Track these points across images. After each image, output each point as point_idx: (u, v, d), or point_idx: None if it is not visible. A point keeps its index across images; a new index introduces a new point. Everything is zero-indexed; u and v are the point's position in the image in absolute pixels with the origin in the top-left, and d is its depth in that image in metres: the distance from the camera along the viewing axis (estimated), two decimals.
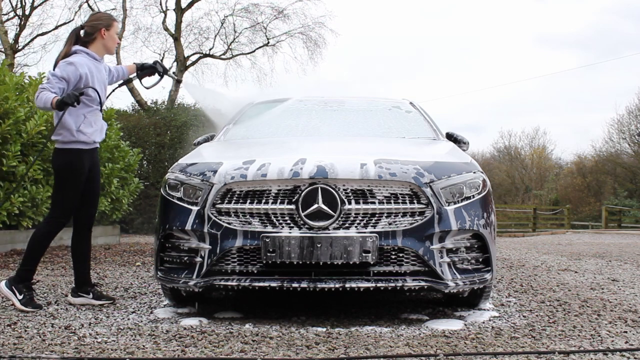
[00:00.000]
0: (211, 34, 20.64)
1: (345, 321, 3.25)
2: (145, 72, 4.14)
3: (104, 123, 3.85)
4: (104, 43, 3.77)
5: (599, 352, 2.63)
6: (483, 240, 3.28)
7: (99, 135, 3.78)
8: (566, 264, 6.57)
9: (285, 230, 3.09)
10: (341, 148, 3.70)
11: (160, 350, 2.63)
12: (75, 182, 3.67)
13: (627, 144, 31.47)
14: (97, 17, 3.83)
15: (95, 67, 3.73)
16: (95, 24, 3.74)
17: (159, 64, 4.16)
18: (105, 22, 3.76)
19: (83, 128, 3.65)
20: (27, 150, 6.53)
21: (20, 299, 3.53)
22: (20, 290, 3.56)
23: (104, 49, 3.79)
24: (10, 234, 6.72)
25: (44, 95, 3.51)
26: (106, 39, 3.76)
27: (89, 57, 3.71)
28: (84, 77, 3.62)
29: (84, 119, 3.66)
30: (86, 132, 3.67)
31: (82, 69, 3.62)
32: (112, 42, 3.79)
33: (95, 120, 3.73)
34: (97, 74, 3.73)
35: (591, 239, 13.32)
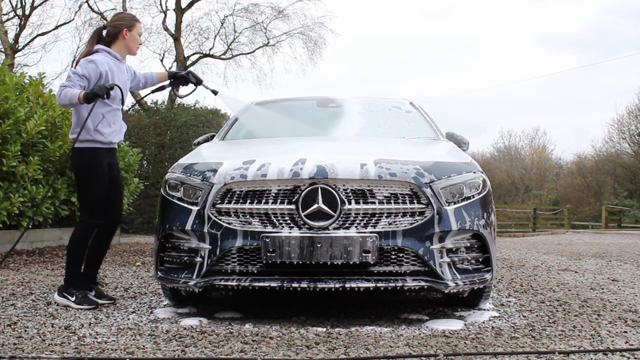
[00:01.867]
0: (211, 34, 20.66)
1: (345, 321, 3.25)
2: (177, 81, 4.16)
3: (123, 124, 3.85)
4: (126, 43, 3.78)
5: (599, 352, 2.63)
6: (483, 240, 3.28)
7: (117, 136, 3.77)
8: (566, 264, 6.57)
9: (285, 230, 3.09)
10: (341, 148, 3.71)
11: (160, 350, 2.63)
12: (96, 181, 3.66)
13: (627, 144, 31.47)
14: (119, 17, 3.84)
15: (117, 66, 3.74)
16: (117, 24, 3.76)
17: (191, 75, 4.17)
18: (128, 22, 3.78)
19: (101, 128, 3.65)
20: (27, 150, 6.53)
21: (74, 300, 3.60)
22: (71, 294, 3.62)
23: (125, 49, 3.80)
24: (10, 234, 6.72)
25: (68, 92, 3.52)
26: (128, 39, 3.77)
27: (110, 56, 3.73)
28: (104, 75, 3.63)
29: (102, 118, 3.65)
30: (103, 132, 3.67)
31: (102, 67, 3.63)
32: (134, 42, 3.80)
33: (114, 121, 3.73)
34: (118, 73, 3.74)
35: (591, 239, 13.32)
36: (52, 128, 6.84)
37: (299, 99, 5.09)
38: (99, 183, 3.67)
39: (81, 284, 3.69)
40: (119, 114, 3.77)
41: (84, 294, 3.64)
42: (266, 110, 4.92)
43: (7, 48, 18.25)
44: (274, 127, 4.55)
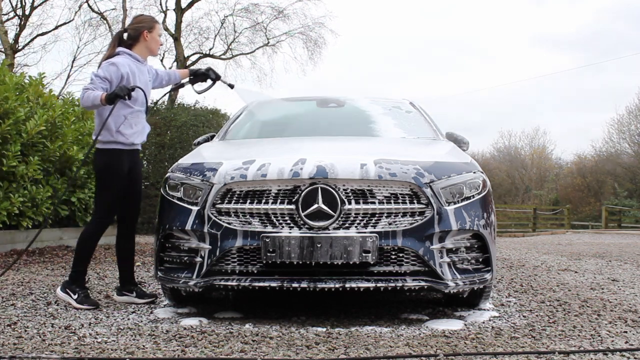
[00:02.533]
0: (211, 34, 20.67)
1: (345, 321, 3.25)
2: (198, 78, 4.23)
3: (146, 125, 3.88)
4: (147, 45, 3.83)
5: (599, 352, 2.63)
6: (483, 240, 3.28)
7: (139, 137, 3.81)
8: (566, 264, 6.57)
9: (285, 230, 3.09)
10: (341, 148, 3.70)
11: (160, 350, 2.63)
12: (115, 182, 3.71)
13: (627, 144, 31.48)
14: (139, 19, 3.88)
15: (138, 68, 3.79)
16: (137, 27, 3.81)
17: (212, 71, 4.25)
18: (148, 24, 3.83)
19: (122, 129, 3.69)
20: (27, 150, 6.53)
21: (76, 298, 3.62)
22: (74, 291, 3.65)
23: (147, 50, 3.85)
24: (10, 234, 6.71)
25: (90, 94, 3.57)
26: (149, 41, 3.82)
27: (131, 58, 3.77)
28: (126, 77, 3.68)
29: (124, 120, 3.69)
30: (125, 134, 3.71)
31: (123, 69, 3.67)
32: (154, 44, 3.86)
33: (136, 122, 3.77)
34: (139, 74, 3.78)
35: (591, 239, 13.32)
36: (52, 128, 6.84)
37: (299, 99, 5.09)
38: (117, 184, 3.72)
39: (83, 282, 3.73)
40: (142, 116, 3.81)
41: (86, 294, 3.66)
42: (266, 110, 4.92)
43: (7, 48, 18.26)
44: (273, 127, 4.55)
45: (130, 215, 3.90)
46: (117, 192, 3.74)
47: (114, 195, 3.73)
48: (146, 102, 3.81)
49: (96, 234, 3.76)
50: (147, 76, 3.88)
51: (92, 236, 3.75)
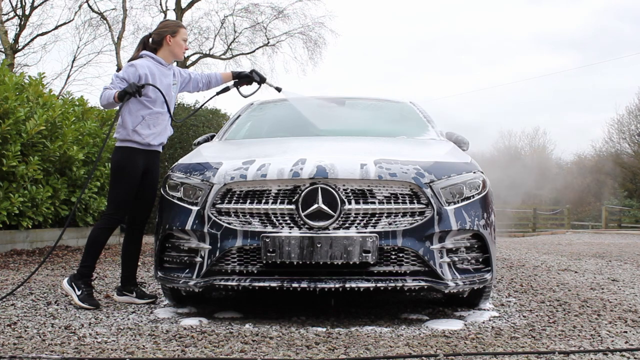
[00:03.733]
0: (211, 34, 20.67)
1: (345, 321, 3.25)
2: (242, 80, 4.22)
3: (167, 128, 3.91)
4: (170, 49, 3.89)
5: (599, 352, 2.63)
6: (483, 240, 3.28)
7: (156, 138, 3.83)
8: (566, 264, 6.57)
9: (285, 230, 3.09)
10: (341, 148, 3.70)
11: (160, 350, 2.63)
12: (126, 180, 3.75)
13: (627, 144, 31.47)
14: (163, 24, 3.95)
15: (160, 71, 3.83)
16: (161, 32, 3.88)
17: (255, 73, 4.24)
18: (171, 29, 3.88)
19: (139, 129, 3.74)
20: (27, 150, 6.53)
21: (79, 295, 3.65)
22: (79, 287, 3.68)
23: (170, 55, 3.90)
24: (10, 233, 6.72)
25: (106, 93, 3.69)
26: (172, 45, 3.88)
27: (154, 61, 3.84)
28: (143, 77, 3.73)
29: (141, 120, 3.75)
30: (142, 134, 3.75)
31: (141, 70, 3.74)
32: (178, 48, 3.90)
33: (155, 124, 3.80)
34: (160, 77, 3.82)
35: (591, 239, 13.32)
36: (52, 128, 6.84)
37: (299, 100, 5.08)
38: (128, 182, 3.75)
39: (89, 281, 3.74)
40: (162, 117, 3.84)
41: (90, 292, 3.68)
42: (266, 110, 4.92)
43: (7, 48, 18.26)
44: (274, 127, 4.55)
45: (140, 218, 3.92)
46: (128, 190, 3.77)
47: (125, 193, 3.76)
48: (167, 104, 3.84)
49: (105, 229, 3.79)
50: (171, 79, 3.91)
51: (101, 232, 3.78)
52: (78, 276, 3.72)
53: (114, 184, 3.79)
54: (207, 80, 4.17)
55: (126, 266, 3.91)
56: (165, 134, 3.91)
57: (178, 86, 4.01)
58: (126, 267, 3.91)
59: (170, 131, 3.96)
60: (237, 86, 4.23)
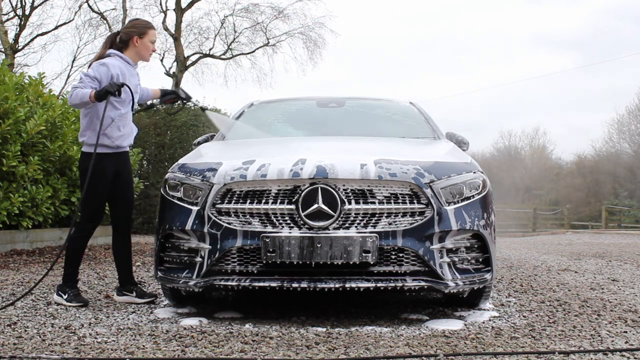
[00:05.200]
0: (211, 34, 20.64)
1: (345, 321, 3.25)
2: (167, 97, 4.21)
3: (133, 127, 3.88)
4: (137, 51, 3.81)
5: (599, 352, 2.63)
6: (483, 240, 3.28)
7: (126, 139, 3.80)
8: (566, 264, 6.57)
9: (285, 230, 3.09)
10: (341, 148, 3.70)
11: (160, 350, 2.63)
12: (97, 186, 3.69)
13: (627, 144, 31.49)
14: (132, 24, 3.88)
15: (129, 71, 3.79)
16: (128, 32, 3.80)
17: (182, 90, 4.23)
18: (139, 30, 3.80)
19: (109, 132, 3.68)
20: (27, 150, 6.53)
21: (66, 298, 3.68)
22: (64, 292, 3.70)
23: (137, 56, 3.83)
24: (10, 233, 6.72)
25: (79, 92, 3.56)
26: (139, 47, 3.80)
27: (122, 60, 3.78)
28: (116, 77, 3.67)
29: (111, 122, 3.68)
30: (111, 136, 3.70)
31: (114, 70, 3.67)
32: (145, 50, 3.83)
33: (124, 125, 3.76)
34: (130, 77, 3.78)
35: (591, 239, 13.32)
36: (52, 128, 6.84)
37: (299, 99, 5.08)
38: (100, 188, 3.71)
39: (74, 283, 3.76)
40: (129, 117, 3.81)
41: (76, 293, 3.71)
42: (266, 110, 4.92)
43: (7, 48, 18.24)
44: (273, 127, 4.56)
45: (123, 218, 3.88)
46: (100, 196, 3.73)
47: (95, 199, 3.72)
48: (133, 104, 3.80)
49: (81, 237, 3.77)
50: (137, 79, 3.89)
51: (77, 240, 3.76)
52: (62, 284, 3.74)
53: (86, 191, 3.68)
54: (141, 92, 4.06)
55: (120, 267, 3.90)
56: (133, 134, 3.87)
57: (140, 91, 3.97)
58: (121, 268, 3.90)
59: (136, 130, 3.90)
60: (162, 103, 4.26)
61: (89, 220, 3.76)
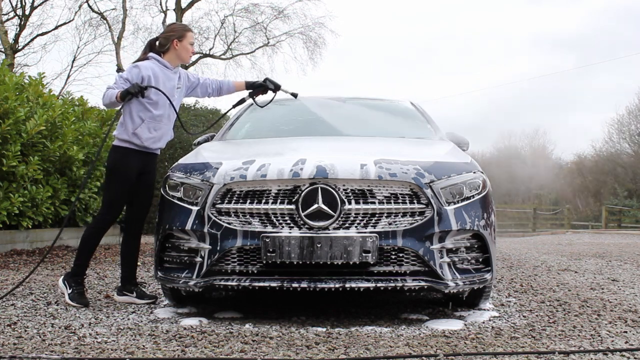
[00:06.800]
0: (211, 34, 20.67)
1: (345, 321, 3.25)
2: (257, 90, 4.23)
3: (168, 132, 3.92)
4: (177, 53, 3.90)
5: (599, 352, 2.63)
6: (483, 240, 3.28)
7: (155, 143, 3.85)
8: (566, 264, 6.57)
9: (285, 230, 3.09)
10: (341, 148, 3.70)
11: (160, 350, 2.63)
12: (120, 181, 3.77)
13: (627, 144, 31.49)
14: (171, 28, 3.96)
15: (164, 74, 3.84)
16: (168, 36, 3.89)
17: (269, 82, 4.23)
18: (178, 33, 3.89)
19: (139, 131, 3.76)
20: (27, 150, 6.53)
21: (69, 293, 3.70)
22: (70, 285, 3.73)
23: (177, 58, 3.91)
24: (11, 233, 6.71)
25: (109, 92, 3.71)
26: (179, 49, 3.89)
27: (159, 64, 3.85)
28: (147, 79, 3.75)
29: (141, 122, 3.75)
30: (141, 137, 3.76)
31: (145, 72, 3.75)
32: (185, 52, 3.91)
33: (156, 127, 3.81)
34: (164, 80, 3.83)
35: (591, 239, 13.32)
36: (52, 128, 6.84)
37: (299, 99, 5.08)
38: (122, 184, 3.77)
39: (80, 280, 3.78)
40: (164, 121, 3.85)
41: (80, 291, 3.72)
42: (266, 110, 4.92)
43: (7, 48, 18.25)
44: (273, 127, 4.55)
45: (137, 219, 3.93)
46: (123, 191, 3.79)
47: (119, 194, 3.79)
48: (173, 108, 3.86)
49: (97, 229, 3.82)
50: (176, 83, 3.92)
51: (92, 231, 3.81)
52: (71, 274, 3.77)
53: (109, 184, 3.80)
54: (217, 86, 4.18)
55: (125, 266, 3.92)
56: (165, 138, 3.92)
57: (183, 90, 4.01)
58: (125, 267, 3.92)
59: (171, 135, 3.96)
60: (253, 96, 4.24)
61: (109, 213, 3.80)
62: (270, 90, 4.23)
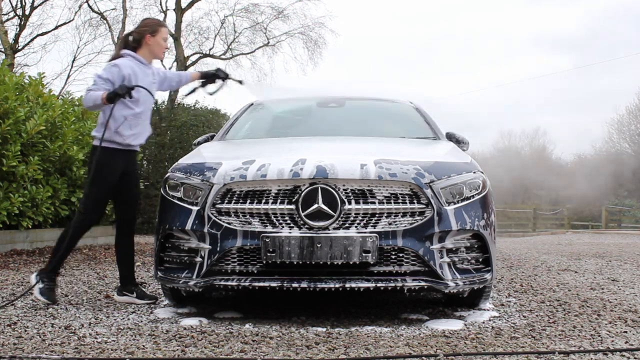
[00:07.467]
0: (211, 34, 20.66)
1: (345, 321, 3.25)
2: (208, 79, 4.27)
3: (147, 128, 3.91)
4: (150, 49, 3.87)
5: (599, 352, 2.63)
6: (483, 240, 3.28)
7: (136, 139, 3.83)
8: (566, 264, 6.57)
9: (285, 230, 3.09)
10: (341, 148, 3.70)
11: (160, 350, 2.63)
12: (104, 180, 3.73)
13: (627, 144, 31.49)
14: (144, 23, 3.94)
15: (142, 70, 3.82)
16: (141, 31, 3.86)
17: (220, 71, 4.29)
18: (151, 28, 3.87)
19: (121, 129, 3.73)
20: (27, 150, 6.53)
21: (40, 287, 3.64)
22: (42, 280, 3.67)
23: (150, 54, 3.89)
24: (11, 233, 6.71)
25: (92, 94, 3.65)
26: (152, 44, 3.86)
27: (135, 60, 3.82)
28: (127, 77, 3.72)
29: (123, 120, 3.73)
30: (123, 134, 3.74)
31: (125, 70, 3.72)
32: (158, 47, 3.89)
33: (137, 124, 3.79)
34: (142, 77, 3.81)
35: (591, 239, 13.32)
36: (52, 128, 6.84)
37: (299, 99, 5.08)
38: (106, 183, 3.74)
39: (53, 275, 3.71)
40: (143, 117, 3.84)
41: (51, 287, 3.67)
42: (266, 110, 4.92)
43: (7, 48, 18.24)
44: (273, 127, 4.56)
45: (128, 218, 3.91)
46: (106, 191, 3.76)
47: (101, 193, 3.75)
48: (148, 104, 3.84)
49: (79, 227, 3.76)
50: (152, 78, 3.91)
51: (74, 229, 3.75)
52: (45, 270, 3.71)
53: (92, 184, 3.73)
54: (178, 78, 4.18)
55: (122, 266, 3.90)
56: (145, 134, 3.90)
57: (157, 85, 4.00)
58: (123, 267, 3.90)
59: (149, 131, 3.94)
60: (204, 85, 4.29)
61: (92, 212, 3.77)
62: (220, 78, 4.27)
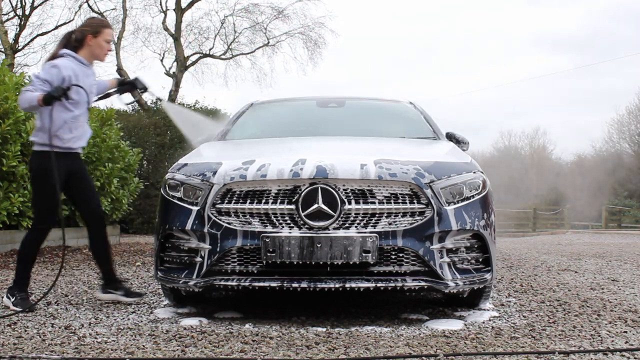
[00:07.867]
0: (211, 34, 20.65)
1: (345, 321, 3.25)
2: (125, 87, 4.13)
3: (87, 130, 3.77)
4: (91, 50, 3.71)
5: (599, 352, 2.63)
6: (483, 240, 3.28)
7: (77, 142, 3.69)
8: (566, 264, 6.57)
9: (285, 230, 3.09)
10: (341, 148, 3.70)
11: (160, 350, 2.63)
12: (47, 186, 3.57)
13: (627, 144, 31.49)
14: (87, 22, 3.78)
15: (82, 71, 3.68)
16: (83, 30, 3.70)
17: (138, 81, 4.12)
18: (93, 29, 3.70)
19: (61, 133, 3.59)
20: (27, 150, 6.52)
21: (13, 301, 3.55)
22: (13, 295, 3.59)
23: (91, 55, 3.73)
24: (10, 233, 6.72)
25: (27, 95, 3.48)
26: (93, 46, 3.69)
27: (75, 60, 3.66)
28: (67, 79, 3.57)
29: (63, 124, 3.59)
30: (63, 138, 3.60)
31: (65, 72, 3.57)
32: (99, 49, 3.72)
33: (76, 127, 3.66)
34: (83, 78, 3.67)
35: (591, 239, 13.32)
36: None
37: (299, 99, 5.08)
38: (51, 189, 3.57)
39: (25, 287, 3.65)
40: (82, 119, 3.70)
41: (23, 297, 3.59)
42: (266, 110, 4.92)
43: (7, 48, 18.24)
44: (273, 127, 4.56)
45: (92, 211, 3.78)
46: (48, 197, 3.60)
47: (46, 200, 3.61)
48: (88, 105, 3.73)
49: (34, 240, 3.65)
50: (93, 79, 3.78)
51: (30, 243, 3.65)
52: (13, 287, 3.63)
53: (38, 192, 3.61)
54: (99, 85, 3.98)
55: (100, 264, 3.83)
56: (86, 137, 3.77)
57: (96, 87, 3.87)
58: (100, 265, 3.83)
59: (90, 133, 3.82)
60: (120, 93, 4.14)
61: (41, 222, 3.64)
62: (138, 89, 4.12)
